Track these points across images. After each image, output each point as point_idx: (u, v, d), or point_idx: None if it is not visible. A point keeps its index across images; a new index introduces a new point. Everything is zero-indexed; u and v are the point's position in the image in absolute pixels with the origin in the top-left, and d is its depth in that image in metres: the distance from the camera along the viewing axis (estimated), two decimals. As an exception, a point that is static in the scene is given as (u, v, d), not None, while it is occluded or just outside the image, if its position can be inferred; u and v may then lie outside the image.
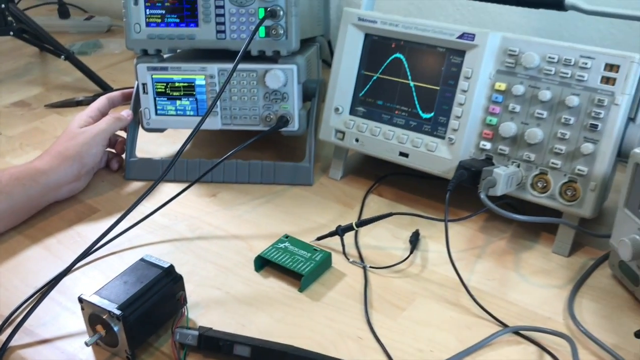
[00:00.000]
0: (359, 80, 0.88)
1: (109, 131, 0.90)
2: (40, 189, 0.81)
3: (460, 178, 0.74)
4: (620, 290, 0.71)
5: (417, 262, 0.75)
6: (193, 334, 0.62)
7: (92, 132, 0.88)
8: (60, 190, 0.85)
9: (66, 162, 0.84)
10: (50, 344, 0.65)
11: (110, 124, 0.90)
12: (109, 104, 0.95)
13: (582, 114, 0.72)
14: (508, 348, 0.63)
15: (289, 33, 0.86)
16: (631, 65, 0.70)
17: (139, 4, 0.88)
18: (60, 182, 0.84)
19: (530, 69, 0.75)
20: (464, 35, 0.78)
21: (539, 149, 0.75)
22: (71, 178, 0.85)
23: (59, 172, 0.83)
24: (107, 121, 0.90)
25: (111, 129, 0.90)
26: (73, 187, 0.87)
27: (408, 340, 0.64)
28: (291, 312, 0.68)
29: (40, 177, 0.82)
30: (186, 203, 0.87)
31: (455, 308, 0.68)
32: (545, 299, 0.69)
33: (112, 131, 0.91)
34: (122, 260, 0.76)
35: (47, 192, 0.83)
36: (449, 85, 0.80)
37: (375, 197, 0.89)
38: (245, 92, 0.89)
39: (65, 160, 0.84)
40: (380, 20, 0.84)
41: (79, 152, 0.85)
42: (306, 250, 0.75)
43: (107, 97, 0.96)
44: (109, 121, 0.90)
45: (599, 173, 0.72)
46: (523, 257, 0.76)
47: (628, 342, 0.63)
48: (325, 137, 0.90)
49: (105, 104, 0.94)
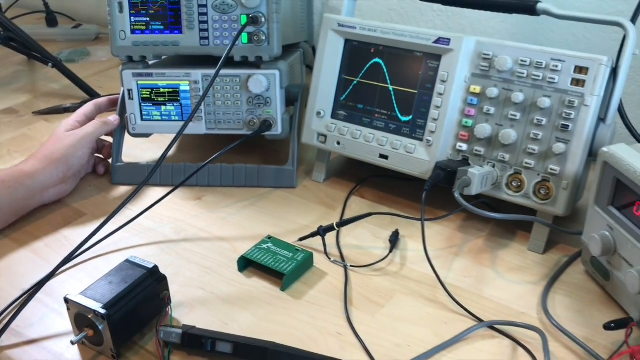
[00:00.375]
0: (340, 85, 0.90)
1: (95, 135, 0.91)
2: (26, 191, 0.83)
3: (437, 178, 0.76)
4: (592, 285, 0.73)
5: (396, 261, 0.77)
6: (177, 332, 0.64)
7: (79, 135, 0.89)
8: (47, 193, 0.86)
9: (52, 164, 0.86)
10: (37, 344, 0.66)
11: (96, 128, 0.91)
12: (96, 110, 0.97)
13: (553, 115, 0.75)
14: (483, 342, 0.65)
15: (270, 39, 0.88)
16: (599, 67, 0.72)
17: (124, 11, 0.90)
18: (46, 184, 0.85)
19: (503, 72, 0.77)
20: (439, 40, 0.80)
21: (513, 149, 0.77)
22: (57, 181, 0.87)
23: (45, 174, 0.85)
24: (93, 125, 0.91)
25: (97, 132, 0.92)
26: (59, 190, 0.88)
27: (386, 335, 0.66)
28: (273, 311, 0.70)
29: (26, 180, 0.83)
30: (172, 206, 0.89)
31: (432, 304, 0.70)
32: (520, 294, 0.72)
33: (98, 135, 0.92)
34: (108, 263, 0.77)
35: (33, 195, 0.84)
36: (427, 88, 0.83)
37: (357, 199, 0.91)
38: (229, 97, 0.91)
39: (51, 163, 0.86)
40: (360, 26, 0.86)
41: (65, 155, 0.87)
42: (288, 251, 0.76)
43: (94, 102, 0.97)
44: (95, 125, 0.91)
45: (571, 172, 0.74)
46: (499, 254, 0.78)
47: (599, 335, 0.65)
48: (308, 140, 0.92)
49: (92, 110, 0.96)
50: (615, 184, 0.66)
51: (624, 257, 0.65)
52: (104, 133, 0.93)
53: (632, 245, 0.63)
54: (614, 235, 0.66)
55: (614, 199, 0.67)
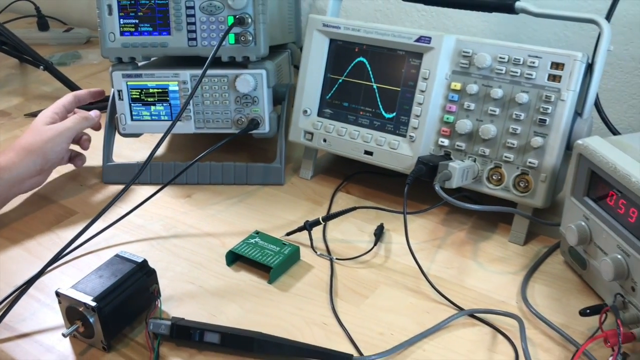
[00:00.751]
0: (325, 84, 0.92)
1: (75, 130, 0.92)
2: (4, 184, 0.83)
3: (419, 172, 0.78)
4: (571, 274, 0.75)
5: (381, 254, 0.79)
6: (166, 324, 0.65)
7: (58, 129, 0.90)
8: (23, 184, 0.87)
9: (29, 157, 0.86)
10: (29, 338, 0.68)
11: (77, 123, 0.92)
12: (75, 102, 0.97)
13: (531, 110, 0.77)
14: (464, 330, 0.67)
15: (257, 39, 0.90)
16: (575, 63, 0.74)
17: (113, 13, 0.92)
18: (22, 176, 0.86)
19: (482, 69, 0.79)
20: (421, 39, 0.82)
21: (493, 143, 0.79)
22: (34, 173, 0.87)
23: (22, 167, 0.85)
24: (74, 120, 0.92)
25: (77, 127, 0.92)
26: (35, 182, 0.89)
27: (370, 324, 0.68)
28: (260, 303, 0.72)
29: (3, 173, 0.84)
30: (162, 204, 0.91)
31: (415, 294, 0.72)
32: (500, 284, 0.74)
33: (78, 130, 0.93)
34: (99, 259, 0.79)
35: (10, 188, 0.85)
36: (409, 86, 0.85)
37: (344, 195, 0.93)
38: (217, 96, 0.93)
39: (28, 155, 0.86)
40: (344, 25, 0.88)
41: (43, 148, 0.87)
42: (275, 245, 0.78)
43: (74, 94, 0.97)
44: (76, 120, 0.92)
45: (549, 165, 0.76)
46: (481, 246, 0.80)
47: (575, 321, 0.67)
48: (295, 138, 0.94)
49: (71, 101, 0.96)
50: (590, 176, 0.69)
51: (599, 246, 0.68)
52: (84, 128, 0.94)
53: (607, 234, 0.66)
54: (590, 225, 0.69)
55: (589, 190, 0.69)
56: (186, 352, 0.65)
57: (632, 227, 0.63)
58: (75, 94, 0.98)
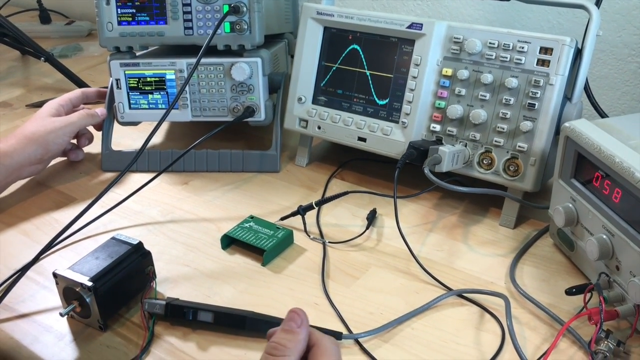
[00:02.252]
0: (319, 71, 0.93)
1: (79, 125, 0.94)
2: (4, 170, 0.85)
3: (410, 157, 0.79)
4: (559, 256, 0.76)
5: (373, 237, 0.81)
6: (160, 304, 0.67)
7: (63, 122, 0.92)
8: (22, 171, 0.89)
9: (31, 145, 0.88)
10: (28, 318, 0.69)
11: (81, 119, 0.94)
12: (82, 98, 0.99)
13: (520, 95, 0.78)
14: (452, 309, 0.69)
15: (252, 28, 0.91)
16: (563, 47, 0.75)
17: (111, 3, 0.93)
18: (22, 163, 0.88)
19: (473, 55, 0.80)
20: (412, 25, 0.83)
21: (483, 128, 0.80)
22: (34, 161, 0.89)
23: (23, 154, 0.87)
24: (79, 115, 0.94)
25: (82, 123, 0.94)
26: (34, 169, 0.91)
27: (360, 304, 0.69)
28: (254, 284, 0.73)
29: (4, 159, 0.85)
30: (159, 191, 0.92)
31: (405, 276, 0.74)
32: (489, 266, 0.75)
33: (82, 126, 0.95)
34: (97, 243, 0.79)
35: (10, 174, 0.87)
36: (402, 72, 0.86)
37: (338, 181, 0.94)
38: (213, 84, 0.95)
39: (30, 143, 0.88)
40: (337, 13, 0.89)
41: (45, 139, 0.89)
42: (269, 229, 0.80)
43: (82, 90, 1.00)
44: (81, 116, 0.94)
45: (538, 149, 0.77)
46: (472, 229, 0.81)
47: (562, 301, 0.68)
48: (290, 125, 0.95)
49: (78, 96, 0.98)
50: (577, 158, 0.70)
51: (585, 227, 0.69)
52: (89, 124, 0.96)
53: (593, 215, 0.67)
54: (577, 207, 0.70)
55: (576, 172, 0.70)
56: (180, 331, 0.66)
57: (616, 207, 0.64)
58: (84, 91, 1.01)
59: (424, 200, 0.87)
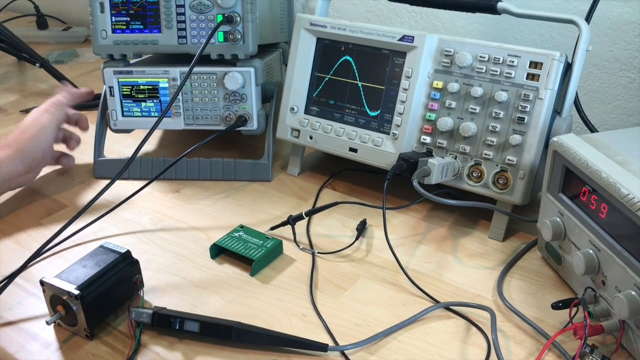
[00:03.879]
0: (312, 82, 0.93)
1: (54, 121, 0.92)
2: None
3: (399, 168, 0.79)
4: (547, 270, 0.76)
5: (362, 248, 0.81)
6: (147, 313, 0.67)
7: (39, 123, 0.91)
8: (14, 181, 0.89)
9: (17, 156, 0.87)
10: (14, 326, 0.69)
11: (52, 113, 0.93)
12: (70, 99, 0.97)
13: (510, 108, 0.78)
14: (439, 322, 0.69)
15: (246, 38, 0.92)
16: (552, 62, 0.76)
17: (105, 11, 0.94)
18: (12, 174, 0.87)
19: (463, 68, 0.81)
20: (404, 38, 0.84)
21: (473, 141, 0.81)
22: (23, 171, 0.88)
23: (11, 166, 0.86)
24: (49, 110, 0.93)
25: (55, 118, 0.93)
26: (23, 180, 0.90)
27: (347, 316, 0.69)
28: (241, 294, 0.73)
29: None
30: (150, 199, 0.92)
31: (393, 288, 0.74)
32: (477, 279, 0.75)
33: (58, 117, 0.93)
34: (87, 251, 0.79)
35: (0, 185, 0.86)
36: (393, 84, 0.86)
37: (329, 191, 0.94)
38: (206, 93, 0.95)
39: (15, 154, 0.87)
40: (330, 24, 0.90)
41: (28, 146, 0.88)
42: (259, 239, 0.80)
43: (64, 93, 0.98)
44: (50, 110, 0.93)
45: (527, 162, 0.78)
46: (461, 242, 0.82)
47: (549, 315, 0.68)
48: (282, 135, 0.95)
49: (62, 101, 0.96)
50: (565, 172, 0.70)
51: (572, 241, 0.69)
52: (62, 116, 0.94)
53: (580, 229, 0.67)
54: (564, 221, 0.70)
55: (564, 186, 0.71)
56: (166, 341, 0.66)
57: (602, 222, 0.64)
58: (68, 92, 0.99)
59: (414, 211, 0.87)
